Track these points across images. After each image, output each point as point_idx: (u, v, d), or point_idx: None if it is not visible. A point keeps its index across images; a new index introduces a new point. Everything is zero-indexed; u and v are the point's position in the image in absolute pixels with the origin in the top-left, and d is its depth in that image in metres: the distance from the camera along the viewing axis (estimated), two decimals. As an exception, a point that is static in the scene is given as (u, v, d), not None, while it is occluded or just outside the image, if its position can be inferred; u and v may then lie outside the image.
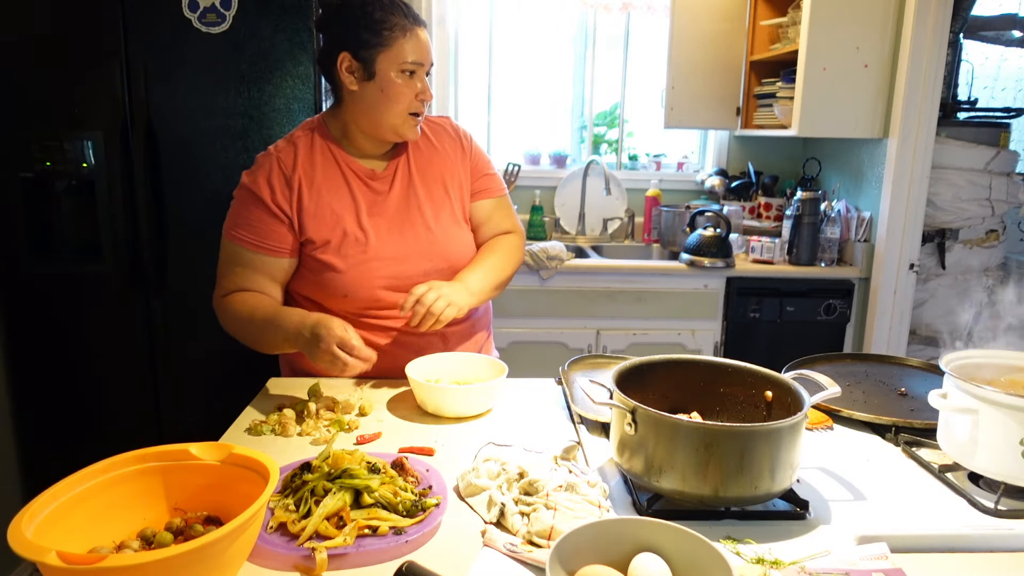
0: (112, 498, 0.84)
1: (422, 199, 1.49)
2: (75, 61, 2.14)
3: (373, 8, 1.36)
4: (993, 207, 2.79)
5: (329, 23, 1.41)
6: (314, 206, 1.42)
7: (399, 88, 1.38)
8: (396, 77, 1.37)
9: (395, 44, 1.36)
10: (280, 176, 1.42)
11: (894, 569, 0.85)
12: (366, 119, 1.42)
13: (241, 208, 1.44)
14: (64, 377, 2.32)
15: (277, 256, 1.42)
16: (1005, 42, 3.10)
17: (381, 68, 1.37)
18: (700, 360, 1.16)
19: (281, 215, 1.41)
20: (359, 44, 1.36)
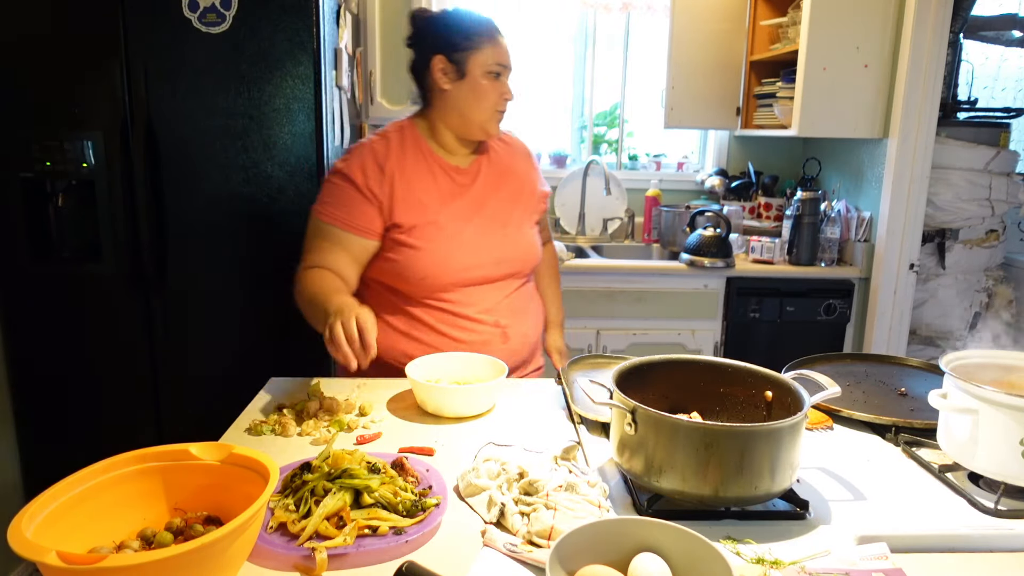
0: (112, 498, 0.84)
1: (499, 197, 1.63)
2: (75, 61, 2.14)
3: (462, 19, 1.56)
4: (993, 207, 2.79)
5: (423, 33, 1.58)
6: (403, 192, 1.53)
7: (486, 88, 1.55)
8: (483, 78, 1.54)
9: (483, 48, 1.53)
10: (374, 163, 1.54)
11: (894, 569, 0.85)
12: (455, 116, 1.58)
13: (334, 190, 1.54)
14: (64, 377, 2.32)
15: (363, 237, 1.52)
16: (1005, 42, 3.10)
17: (471, 69, 1.53)
18: (700, 360, 1.16)
19: (372, 198, 1.51)
20: (452, 48, 1.53)
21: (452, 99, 1.56)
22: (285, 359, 2.34)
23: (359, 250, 1.52)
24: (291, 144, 2.22)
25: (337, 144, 2.40)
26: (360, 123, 2.89)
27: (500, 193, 1.64)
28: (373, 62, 2.86)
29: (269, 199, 2.24)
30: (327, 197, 1.54)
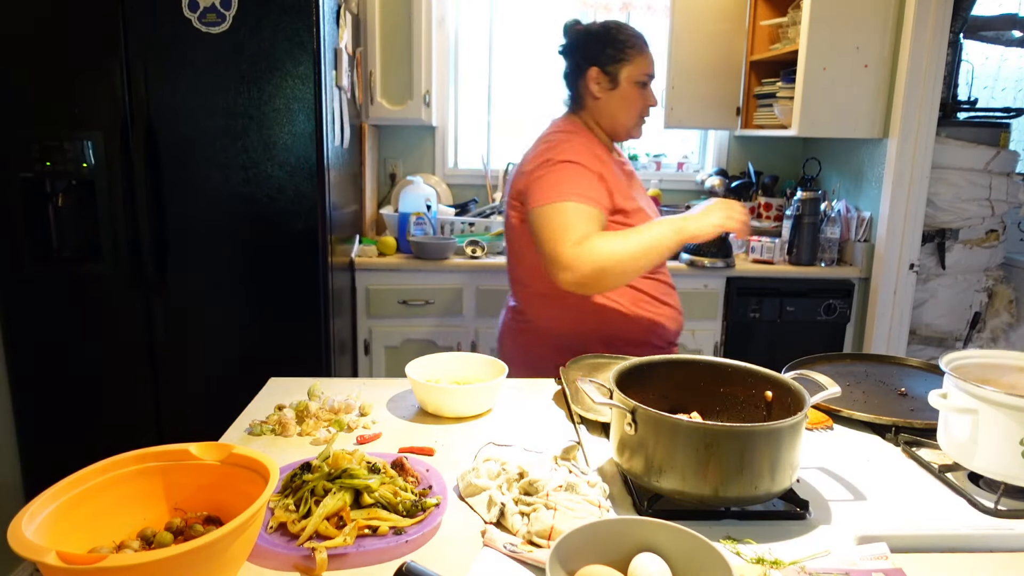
0: (112, 498, 0.84)
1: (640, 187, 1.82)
2: (75, 61, 2.14)
3: (616, 32, 1.69)
4: (993, 207, 2.79)
5: (579, 44, 1.73)
6: (611, 179, 1.64)
7: (635, 96, 1.70)
8: (632, 88, 1.69)
9: (634, 60, 1.68)
10: (591, 152, 1.64)
11: (894, 569, 0.85)
12: (606, 120, 1.72)
13: (573, 177, 1.56)
14: (64, 377, 2.32)
15: (603, 212, 1.57)
16: (1005, 42, 3.10)
17: (623, 80, 1.68)
18: (700, 360, 1.16)
19: (602, 181, 1.61)
20: (607, 60, 1.68)
21: (604, 106, 1.71)
22: (285, 359, 2.34)
23: (603, 224, 1.57)
24: (291, 144, 2.22)
25: (337, 144, 2.40)
26: (360, 123, 2.89)
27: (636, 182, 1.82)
28: (373, 62, 2.86)
29: (269, 199, 2.24)
30: (566, 184, 1.53)
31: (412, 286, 2.74)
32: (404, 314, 2.76)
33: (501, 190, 3.30)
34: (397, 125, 3.21)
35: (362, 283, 2.73)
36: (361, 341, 2.77)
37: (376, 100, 2.91)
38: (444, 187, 3.33)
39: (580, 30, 1.75)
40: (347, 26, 2.48)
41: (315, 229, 2.28)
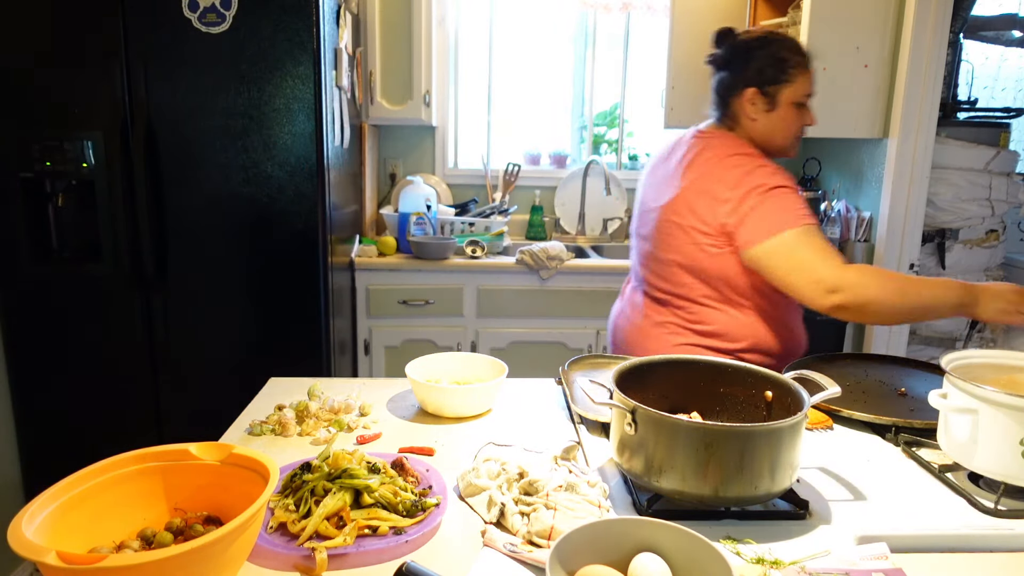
0: (112, 498, 0.84)
1: None
2: (75, 61, 2.14)
3: (779, 48, 1.57)
4: (993, 207, 2.79)
5: (738, 59, 1.62)
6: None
7: (793, 119, 1.59)
8: (791, 109, 1.58)
9: (796, 81, 1.56)
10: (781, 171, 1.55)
11: (894, 569, 0.85)
12: (759, 140, 1.62)
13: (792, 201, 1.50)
14: (64, 377, 2.32)
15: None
16: (1005, 42, 3.10)
17: (783, 102, 1.57)
18: (700, 360, 1.16)
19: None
20: (767, 81, 1.57)
21: (759, 128, 1.61)
22: (285, 359, 2.34)
23: None
24: (291, 144, 2.22)
25: (337, 144, 2.40)
26: (360, 123, 2.89)
27: None
28: (373, 62, 2.86)
29: (269, 199, 2.24)
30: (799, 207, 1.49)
31: (412, 286, 2.74)
32: (404, 314, 2.76)
33: (501, 190, 3.30)
34: (397, 125, 3.21)
35: (362, 283, 2.73)
36: (361, 341, 2.77)
37: (376, 100, 2.91)
38: (444, 187, 3.33)
39: (739, 44, 1.63)
40: (347, 26, 2.48)
41: (315, 229, 2.28)
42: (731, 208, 1.49)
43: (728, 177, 1.53)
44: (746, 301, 1.58)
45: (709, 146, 1.63)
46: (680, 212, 1.57)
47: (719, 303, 1.59)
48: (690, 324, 1.62)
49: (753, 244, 1.47)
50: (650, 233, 1.67)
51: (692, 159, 1.62)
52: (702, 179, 1.56)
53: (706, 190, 1.54)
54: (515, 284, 2.77)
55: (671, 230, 1.60)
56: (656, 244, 1.65)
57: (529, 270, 2.74)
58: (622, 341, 1.79)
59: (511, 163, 3.28)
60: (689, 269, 1.59)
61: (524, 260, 2.72)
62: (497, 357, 1.42)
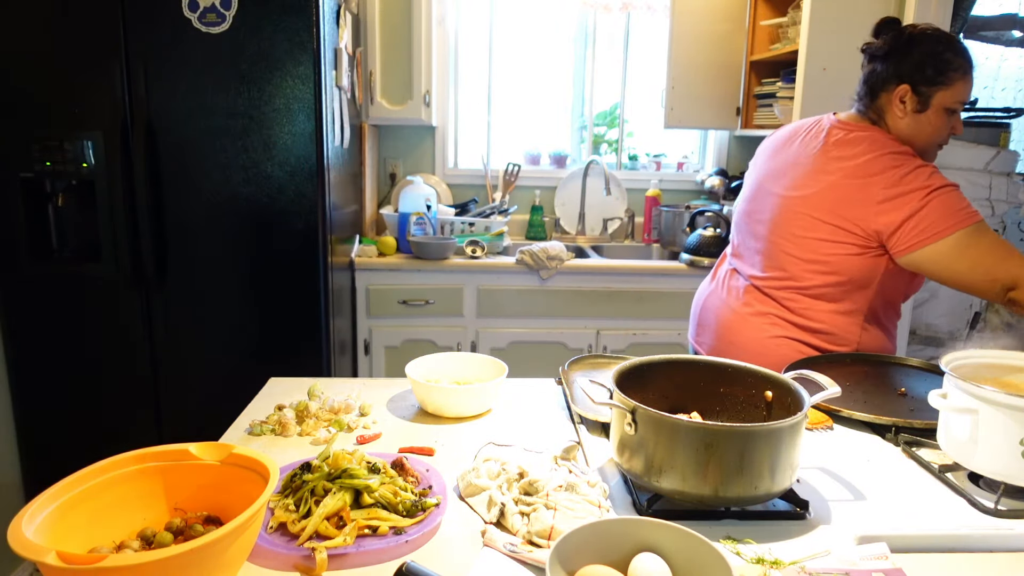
0: (112, 498, 0.84)
1: None
2: (75, 61, 2.14)
3: (944, 48, 1.48)
4: (993, 207, 2.79)
5: (896, 53, 1.52)
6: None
7: (940, 124, 1.52)
8: (941, 114, 1.50)
9: (954, 85, 1.48)
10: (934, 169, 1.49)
11: (894, 569, 0.85)
12: (905, 140, 1.53)
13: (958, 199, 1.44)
14: (64, 377, 2.32)
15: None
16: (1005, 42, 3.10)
17: (935, 104, 1.49)
18: (700, 360, 1.16)
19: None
20: (923, 80, 1.49)
21: (903, 125, 1.54)
22: (285, 359, 2.35)
23: None
24: (291, 144, 2.22)
25: (337, 144, 2.40)
26: (360, 123, 2.89)
27: None
28: (373, 62, 2.86)
29: (269, 199, 2.25)
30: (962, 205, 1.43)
31: (412, 286, 2.74)
32: (404, 314, 2.76)
33: (501, 190, 3.30)
34: (397, 125, 3.21)
35: (362, 283, 2.73)
36: (361, 341, 2.77)
37: (376, 100, 2.91)
38: (444, 187, 3.34)
39: (902, 36, 1.55)
40: (347, 26, 2.48)
41: (315, 229, 2.28)
42: (891, 208, 1.43)
43: (886, 177, 1.45)
44: (865, 304, 1.55)
45: (859, 140, 1.53)
46: (821, 208, 1.51)
47: (835, 302, 1.55)
48: (795, 319, 1.58)
49: (919, 246, 1.42)
50: (771, 219, 1.61)
51: (838, 152, 1.53)
52: (854, 176, 1.48)
53: (860, 188, 1.47)
54: (515, 284, 2.77)
55: (803, 223, 1.54)
56: (777, 232, 1.59)
57: (529, 270, 2.74)
58: (713, 322, 1.74)
59: (511, 163, 3.28)
60: (814, 263, 1.54)
61: (524, 260, 2.73)
62: (497, 357, 1.42)
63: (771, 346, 1.60)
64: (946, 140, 1.55)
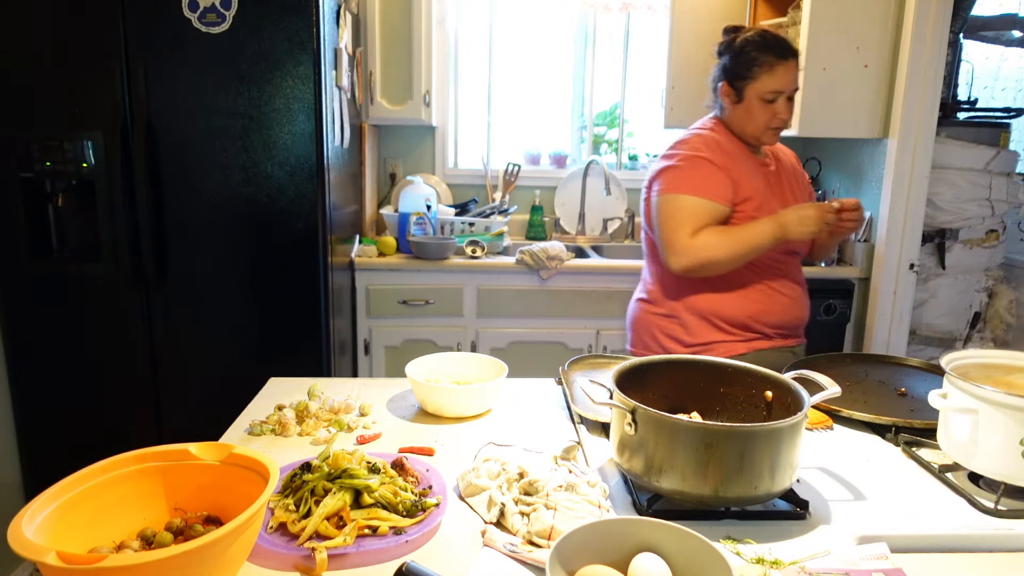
0: (112, 498, 0.84)
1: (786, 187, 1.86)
2: (75, 61, 2.14)
3: (750, 48, 1.75)
4: (993, 207, 2.79)
5: (721, 55, 1.83)
6: (738, 172, 1.75)
7: (758, 112, 1.75)
8: (757, 104, 1.74)
9: (759, 79, 1.73)
10: (716, 145, 1.77)
11: (894, 569, 0.85)
12: (735, 129, 1.82)
13: (693, 172, 1.74)
14: (64, 377, 2.32)
15: (723, 204, 1.73)
16: (1005, 42, 3.10)
17: (747, 96, 1.75)
18: (700, 360, 1.16)
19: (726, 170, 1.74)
20: (734, 76, 1.76)
21: (733, 116, 1.80)
22: (285, 359, 2.34)
23: (718, 215, 1.73)
24: (291, 144, 2.22)
25: (337, 144, 2.40)
26: (360, 123, 2.89)
27: (793, 185, 1.89)
28: (373, 62, 2.86)
29: (269, 199, 2.24)
30: (686, 179, 1.73)
31: (412, 286, 2.74)
32: (404, 314, 2.76)
33: (501, 190, 3.30)
34: (397, 125, 3.20)
35: (362, 283, 2.73)
36: (361, 341, 2.77)
37: (376, 100, 2.91)
38: (444, 187, 3.33)
39: (726, 39, 1.83)
40: (347, 26, 2.48)
41: (315, 229, 2.28)
42: (657, 164, 1.80)
43: (674, 144, 1.81)
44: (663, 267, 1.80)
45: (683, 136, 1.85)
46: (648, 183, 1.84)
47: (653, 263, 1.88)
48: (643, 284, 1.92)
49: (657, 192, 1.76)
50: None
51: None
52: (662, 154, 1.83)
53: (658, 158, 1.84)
54: (515, 284, 2.77)
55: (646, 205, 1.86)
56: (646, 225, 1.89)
57: (529, 270, 2.74)
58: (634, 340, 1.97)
59: (511, 163, 3.28)
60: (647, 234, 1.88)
61: (524, 260, 2.72)
62: (497, 357, 1.42)
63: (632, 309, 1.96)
64: (778, 124, 1.76)
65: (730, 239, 1.69)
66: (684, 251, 1.70)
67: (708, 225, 1.71)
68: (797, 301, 1.84)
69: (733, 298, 1.77)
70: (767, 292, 1.79)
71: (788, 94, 1.77)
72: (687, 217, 1.72)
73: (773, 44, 1.75)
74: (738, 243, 1.69)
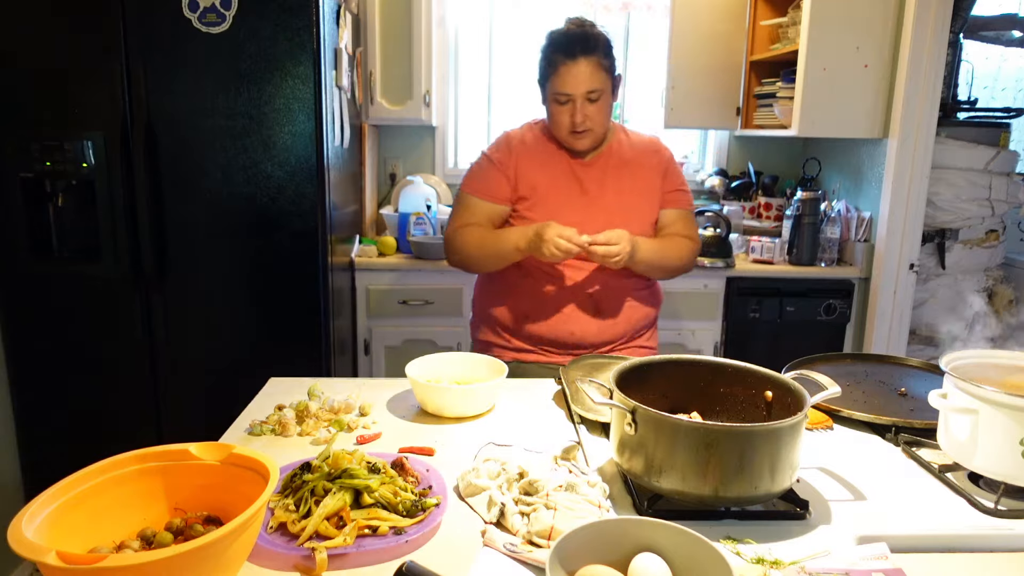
0: (112, 498, 0.84)
1: (610, 191, 1.78)
2: (75, 61, 2.14)
3: (547, 45, 1.72)
4: (993, 207, 2.79)
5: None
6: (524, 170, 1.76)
7: (555, 115, 1.72)
8: (554, 107, 1.71)
9: (550, 80, 1.69)
10: (506, 144, 1.80)
11: (894, 569, 0.85)
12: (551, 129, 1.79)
13: (476, 168, 1.82)
14: (64, 377, 2.32)
15: (495, 203, 1.77)
16: (1005, 42, 3.10)
17: (548, 96, 1.72)
18: (700, 360, 1.16)
19: (503, 170, 1.76)
20: (540, 75, 1.74)
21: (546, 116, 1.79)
22: (285, 359, 2.34)
23: (493, 214, 1.77)
24: (291, 144, 2.22)
25: (337, 144, 2.40)
26: (360, 123, 2.89)
27: (615, 185, 1.78)
28: (373, 62, 2.86)
29: (269, 199, 2.24)
30: (472, 175, 1.81)
31: (412, 286, 2.74)
32: (404, 314, 2.76)
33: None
34: (397, 125, 3.20)
35: (362, 283, 2.73)
36: (361, 341, 2.77)
37: (376, 100, 2.91)
38: (444, 187, 3.33)
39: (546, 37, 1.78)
40: (347, 26, 2.48)
41: (315, 229, 2.27)
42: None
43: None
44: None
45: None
46: None
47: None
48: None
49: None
50: None
51: None
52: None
53: None
54: (515, 284, 2.77)
55: None
56: None
57: (529, 270, 2.74)
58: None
59: (511, 163, 3.28)
60: None
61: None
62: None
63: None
64: (572, 127, 1.70)
65: (478, 240, 1.73)
66: (447, 245, 1.79)
67: (479, 222, 1.76)
68: (572, 318, 1.72)
69: (504, 301, 1.79)
70: (536, 301, 1.74)
71: (584, 97, 1.67)
72: (458, 212, 1.80)
73: (562, 42, 1.68)
74: (484, 245, 1.72)
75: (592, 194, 1.77)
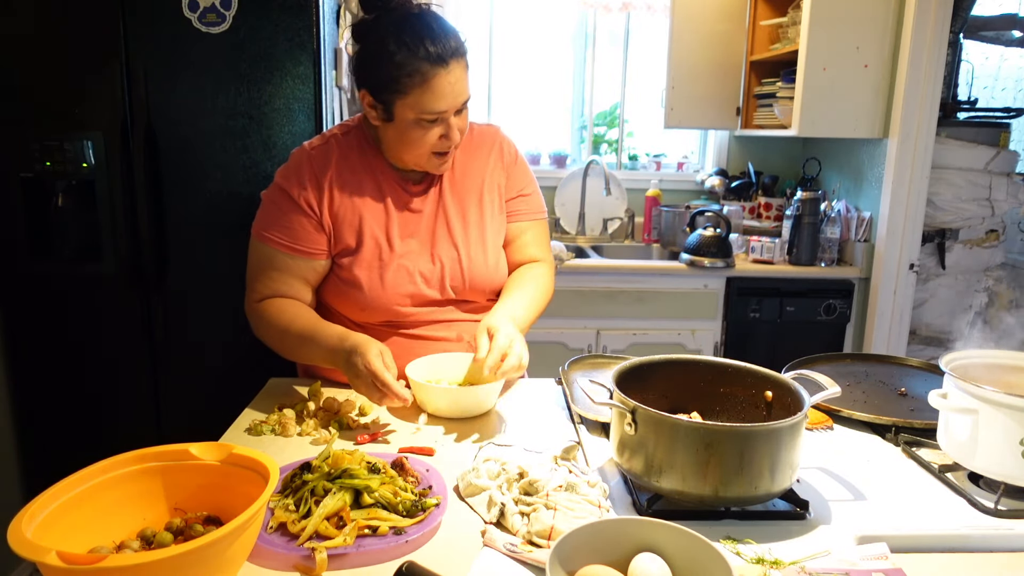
0: (112, 498, 0.84)
1: (453, 216, 1.41)
2: (75, 61, 2.13)
3: (397, 46, 1.22)
4: (993, 207, 2.79)
5: (354, 52, 1.29)
6: (343, 209, 1.36)
7: (418, 135, 1.28)
8: (415, 125, 1.27)
9: (412, 93, 1.23)
10: (311, 174, 1.35)
11: (894, 569, 0.85)
12: (390, 151, 1.37)
13: (272, 208, 1.36)
14: (64, 377, 2.32)
15: (310, 258, 1.36)
16: (1005, 42, 3.10)
17: (399, 114, 1.27)
18: (700, 360, 1.16)
19: (311, 213, 1.34)
20: (377, 86, 1.26)
21: (384, 135, 1.34)
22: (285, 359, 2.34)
23: (309, 272, 1.37)
24: (291, 144, 2.21)
25: (337, 144, 2.40)
26: (360, 123, 2.89)
27: (456, 210, 1.42)
28: (373, 62, 2.86)
29: (269, 199, 2.24)
30: (267, 217, 1.36)
31: (412, 286, 2.74)
32: (404, 314, 2.75)
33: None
34: (397, 125, 3.20)
35: (362, 283, 2.73)
36: (361, 341, 2.76)
37: (376, 100, 2.91)
38: (444, 187, 3.33)
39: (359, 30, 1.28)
40: (347, 26, 2.48)
41: (315, 229, 2.27)
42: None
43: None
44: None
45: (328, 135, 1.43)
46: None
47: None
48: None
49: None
50: None
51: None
52: None
53: None
54: (515, 284, 2.77)
55: None
56: None
57: (529, 270, 2.74)
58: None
59: (511, 163, 3.28)
60: None
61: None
62: (497, 357, 1.41)
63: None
64: (442, 148, 1.31)
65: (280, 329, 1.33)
66: (250, 319, 1.39)
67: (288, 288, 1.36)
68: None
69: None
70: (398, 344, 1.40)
71: (460, 107, 1.29)
72: (255, 271, 1.37)
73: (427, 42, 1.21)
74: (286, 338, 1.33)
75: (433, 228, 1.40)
